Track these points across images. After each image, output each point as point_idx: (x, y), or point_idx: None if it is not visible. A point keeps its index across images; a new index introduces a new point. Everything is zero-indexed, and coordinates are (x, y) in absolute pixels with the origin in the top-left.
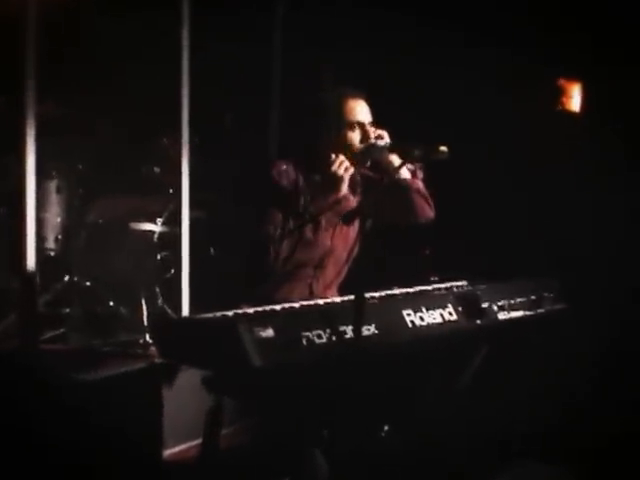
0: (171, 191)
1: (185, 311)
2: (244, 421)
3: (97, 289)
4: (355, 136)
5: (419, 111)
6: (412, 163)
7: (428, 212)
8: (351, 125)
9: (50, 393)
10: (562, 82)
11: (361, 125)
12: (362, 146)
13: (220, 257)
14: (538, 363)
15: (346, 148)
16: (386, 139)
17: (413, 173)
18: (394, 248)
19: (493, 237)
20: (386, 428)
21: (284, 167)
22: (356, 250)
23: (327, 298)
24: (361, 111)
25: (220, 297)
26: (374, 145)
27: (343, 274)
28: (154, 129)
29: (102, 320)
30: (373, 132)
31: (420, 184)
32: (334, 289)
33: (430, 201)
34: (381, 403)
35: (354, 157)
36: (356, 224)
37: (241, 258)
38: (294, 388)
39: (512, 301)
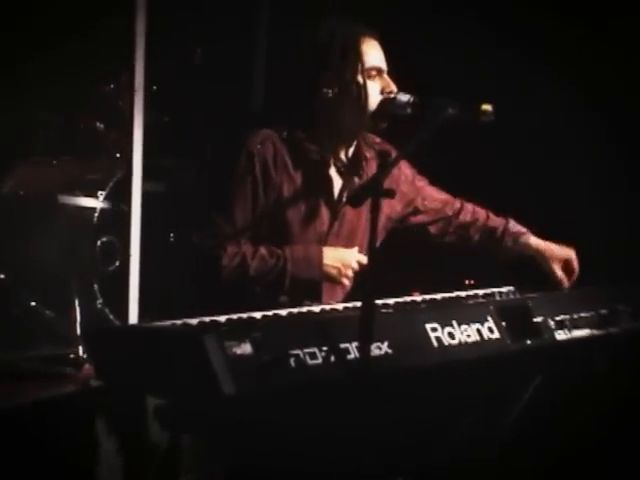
0: (118, 155)
1: (133, 317)
2: (209, 467)
3: (14, 284)
4: (373, 86)
5: (452, 63)
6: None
7: None
8: (369, 71)
9: None
10: None
11: (381, 72)
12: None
13: (182, 245)
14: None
15: (359, 105)
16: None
17: None
18: (415, 239)
19: (550, 230)
20: None
21: (263, 140)
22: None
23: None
24: (378, 55)
25: (181, 299)
26: (394, 100)
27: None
28: (97, 71)
29: (20, 326)
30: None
31: None
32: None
33: None
34: (394, 448)
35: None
36: (365, 209)
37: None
38: (278, 425)
39: (575, 315)
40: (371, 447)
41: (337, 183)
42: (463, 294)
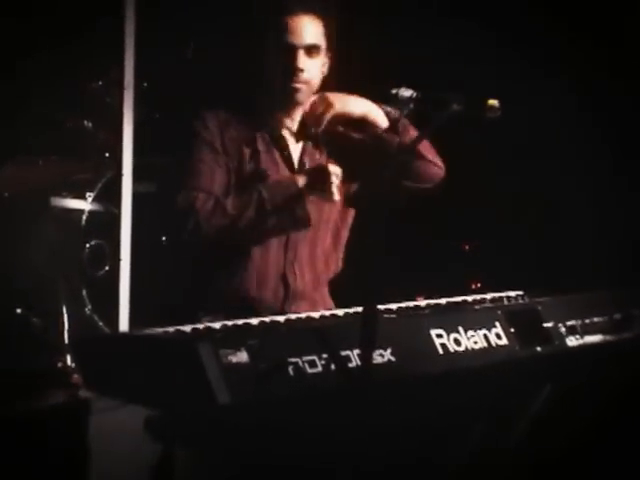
0: (107, 154)
1: (123, 324)
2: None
3: None
4: (284, 63)
5: (455, 59)
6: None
7: (435, 172)
8: (283, 48)
9: None
10: None
11: (294, 49)
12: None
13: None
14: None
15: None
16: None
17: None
18: (418, 240)
19: (561, 231)
20: None
21: (212, 108)
22: (345, 228)
23: (319, 303)
24: (302, 31)
25: (174, 305)
26: (396, 96)
27: (332, 265)
28: (84, 67)
29: (4, 335)
30: (313, 59)
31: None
32: (324, 287)
33: (433, 156)
34: (399, 462)
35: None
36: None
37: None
38: (276, 436)
39: (587, 320)
40: (374, 458)
41: (294, 148)
42: (469, 298)
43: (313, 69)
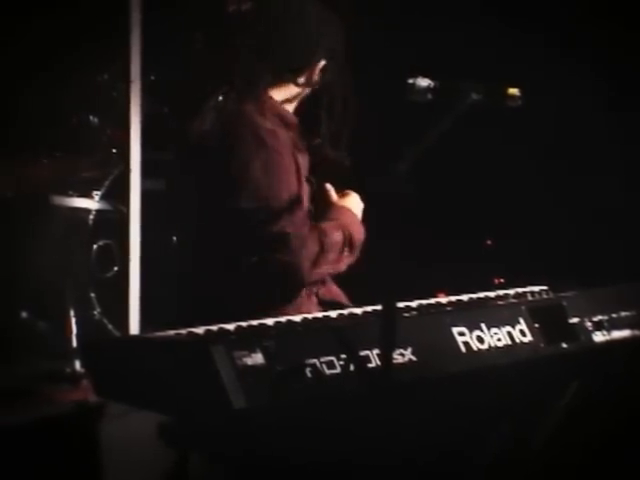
0: (115, 150)
1: (134, 327)
2: None
3: (2, 295)
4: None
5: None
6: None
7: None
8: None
9: None
10: None
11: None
12: None
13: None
14: None
15: None
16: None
17: None
18: (439, 236)
19: (586, 225)
20: None
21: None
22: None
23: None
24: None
25: (186, 307)
26: (413, 86)
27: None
28: (90, 60)
29: (10, 340)
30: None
31: None
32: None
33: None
34: (421, 464)
35: None
36: None
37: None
38: (293, 440)
39: (614, 315)
40: (395, 461)
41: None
42: (492, 294)
43: None
